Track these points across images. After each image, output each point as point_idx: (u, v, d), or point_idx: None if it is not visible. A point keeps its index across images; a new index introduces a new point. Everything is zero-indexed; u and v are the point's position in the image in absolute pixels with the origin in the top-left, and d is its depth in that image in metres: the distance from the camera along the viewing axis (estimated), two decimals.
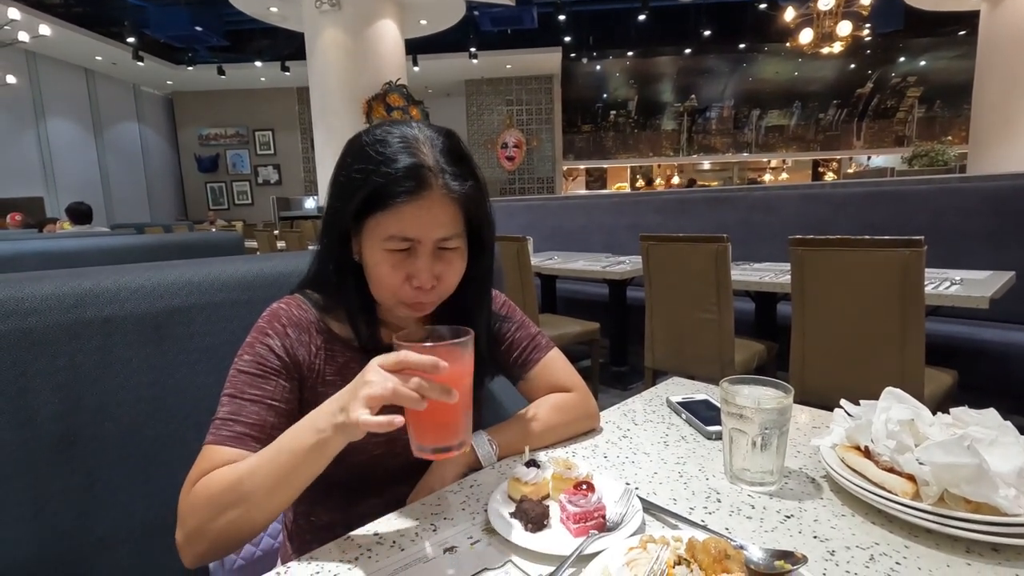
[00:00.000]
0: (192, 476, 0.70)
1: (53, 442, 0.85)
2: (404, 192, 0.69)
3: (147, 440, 0.94)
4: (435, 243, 0.73)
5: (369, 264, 0.75)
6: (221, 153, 13.83)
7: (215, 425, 0.72)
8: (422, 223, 0.71)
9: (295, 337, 0.78)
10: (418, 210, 0.70)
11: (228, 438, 0.70)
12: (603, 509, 0.63)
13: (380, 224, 0.72)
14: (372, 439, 0.71)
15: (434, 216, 0.71)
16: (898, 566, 0.56)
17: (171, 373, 0.97)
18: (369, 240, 0.74)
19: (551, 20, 11.42)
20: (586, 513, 0.62)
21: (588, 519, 0.62)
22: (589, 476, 0.70)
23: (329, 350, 0.80)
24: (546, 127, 13.33)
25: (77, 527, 0.87)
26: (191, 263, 1.04)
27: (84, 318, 0.88)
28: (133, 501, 0.93)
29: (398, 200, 0.69)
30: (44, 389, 0.84)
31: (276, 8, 8.21)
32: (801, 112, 15.43)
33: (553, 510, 0.68)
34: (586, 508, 0.62)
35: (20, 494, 0.82)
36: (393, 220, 0.71)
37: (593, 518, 0.63)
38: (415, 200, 0.70)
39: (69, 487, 0.87)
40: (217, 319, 1.01)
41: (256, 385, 0.74)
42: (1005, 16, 6.29)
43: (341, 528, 0.70)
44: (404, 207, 0.70)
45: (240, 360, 0.76)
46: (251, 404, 0.72)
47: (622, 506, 0.66)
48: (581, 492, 0.65)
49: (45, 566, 0.84)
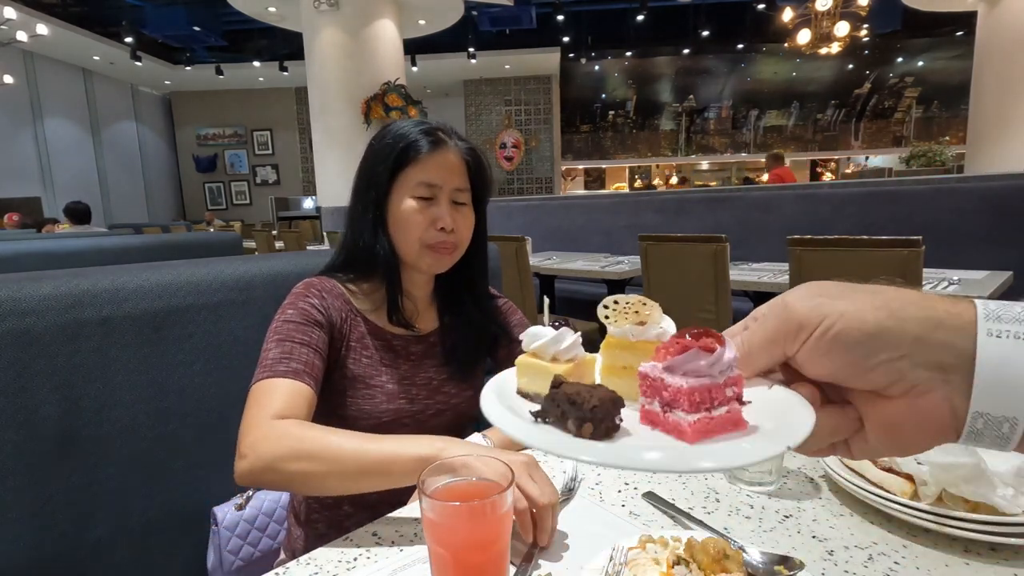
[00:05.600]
0: (265, 405, 0.74)
1: (52, 442, 0.85)
2: (427, 144, 0.90)
3: (146, 440, 0.94)
4: (452, 191, 0.91)
5: (399, 215, 0.90)
6: (219, 153, 13.80)
7: (266, 365, 0.78)
8: (442, 171, 0.90)
9: (329, 302, 0.89)
10: (439, 159, 0.90)
11: (285, 372, 0.77)
12: (740, 382, 0.34)
13: (408, 176, 0.90)
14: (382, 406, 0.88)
15: (451, 165, 0.91)
16: (897, 566, 0.56)
17: (169, 373, 0.96)
18: (398, 193, 0.90)
19: (550, 20, 11.42)
20: (715, 391, 0.33)
21: (721, 403, 0.33)
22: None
23: (353, 320, 0.92)
24: (545, 127, 13.33)
25: (76, 527, 0.87)
26: (189, 263, 1.04)
27: (82, 318, 0.88)
28: (132, 501, 0.93)
29: (422, 152, 0.89)
30: (43, 389, 0.84)
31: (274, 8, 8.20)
32: (799, 112, 15.46)
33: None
34: (714, 380, 0.33)
35: (19, 494, 0.82)
36: (419, 170, 0.90)
37: (729, 402, 0.34)
38: (435, 152, 0.90)
39: (68, 487, 0.86)
40: (215, 319, 1.01)
41: (304, 332, 0.83)
42: (1003, 17, 6.31)
43: (347, 505, 0.82)
44: (427, 158, 0.89)
45: (284, 314, 0.85)
46: (301, 347, 0.81)
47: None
48: (702, 346, 0.34)
49: (44, 566, 0.84)
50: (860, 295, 0.33)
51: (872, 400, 0.33)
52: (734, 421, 0.34)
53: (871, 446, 0.35)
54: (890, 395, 0.32)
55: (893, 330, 0.31)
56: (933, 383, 0.30)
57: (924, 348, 0.30)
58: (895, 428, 0.33)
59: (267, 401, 0.74)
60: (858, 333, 0.31)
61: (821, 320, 0.32)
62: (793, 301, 0.34)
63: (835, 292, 0.34)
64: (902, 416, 0.32)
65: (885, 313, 0.31)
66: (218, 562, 0.95)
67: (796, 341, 0.33)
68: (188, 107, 13.67)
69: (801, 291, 0.35)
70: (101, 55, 10.62)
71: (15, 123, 9.74)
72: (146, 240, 2.84)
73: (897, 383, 0.31)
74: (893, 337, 0.31)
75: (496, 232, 0.95)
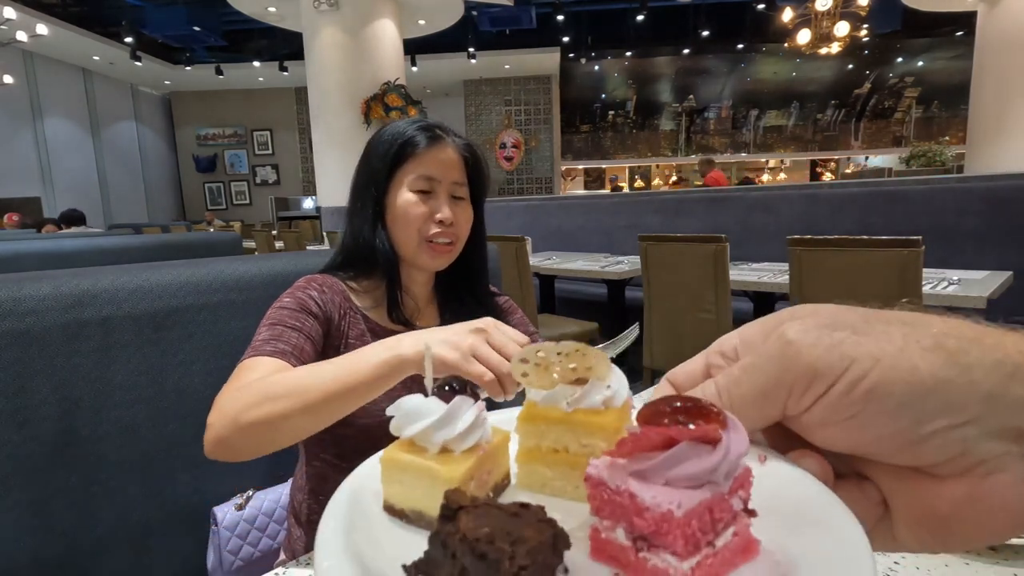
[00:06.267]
0: (242, 379, 0.72)
1: (52, 442, 0.85)
2: (425, 140, 0.91)
3: (146, 440, 0.94)
4: (450, 185, 0.92)
5: (398, 210, 0.91)
6: (219, 153, 13.80)
7: (253, 346, 0.77)
8: (441, 165, 0.91)
9: (329, 296, 0.89)
10: (437, 154, 0.91)
11: (272, 352, 0.76)
12: (748, 482, 0.23)
13: (407, 171, 0.91)
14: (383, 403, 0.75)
15: (449, 159, 0.92)
16: (897, 565, 0.56)
17: (169, 373, 0.96)
18: (397, 188, 0.91)
19: (550, 20, 11.42)
20: (719, 507, 0.22)
21: (727, 524, 0.22)
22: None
23: (353, 317, 0.91)
24: (544, 127, 13.33)
25: (76, 527, 0.87)
26: (189, 263, 1.04)
27: (82, 318, 0.88)
28: (132, 501, 0.93)
29: (420, 148, 0.90)
30: (42, 389, 0.84)
31: (274, 8, 8.20)
32: (799, 112, 15.46)
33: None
34: (718, 489, 0.22)
35: (19, 494, 0.82)
36: (417, 164, 0.91)
37: (735, 519, 0.23)
38: (433, 147, 0.91)
39: (68, 487, 0.86)
40: (215, 319, 1.01)
41: (296, 318, 0.82)
42: (1002, 17, 6.31)
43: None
44: (425, 153, 0.91)
45: (280, 301, 0.84)
46: (292, 332, 0.80)
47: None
48: (697, 437, 0.22)
49: (44, 566, 0.84)
50: (894, 329, 0.23)
51: (909, 480, 0.23)
52: (743, 547, 0.22)
53: (900, 540, 0.25)
54: (941, 474, 0.22)
55: (956, 383, 0.21)
56: (1009, 460, 0.21)
57: (999, 409, 0.21)
58: (942, 520, 0.23)
59: (244, 376, 0.72)
60: (905, 388, 0.22)
61: (846, 368, 0.22)
62: (798, 338, 0.24)
63: (856, 323, 0.24)
64: (955, 504, 0.22)
65: (941, 358, 0.22)
66: (218, 562, 0.95)
67: (806, 397, 0.23)
68: (188, 107, 13.67)
69: (806, 323, 0.24)
70: (101, 55, 10.62)
71: (15, 123, 9.74)
72: (146, 240, 2.84)
73: (956, 459, 0.22)
74: (957, 394, 0.21)
75: (496, 232, 0.95)
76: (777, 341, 0.24)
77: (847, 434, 0.23)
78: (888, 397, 0.22)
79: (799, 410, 0.24)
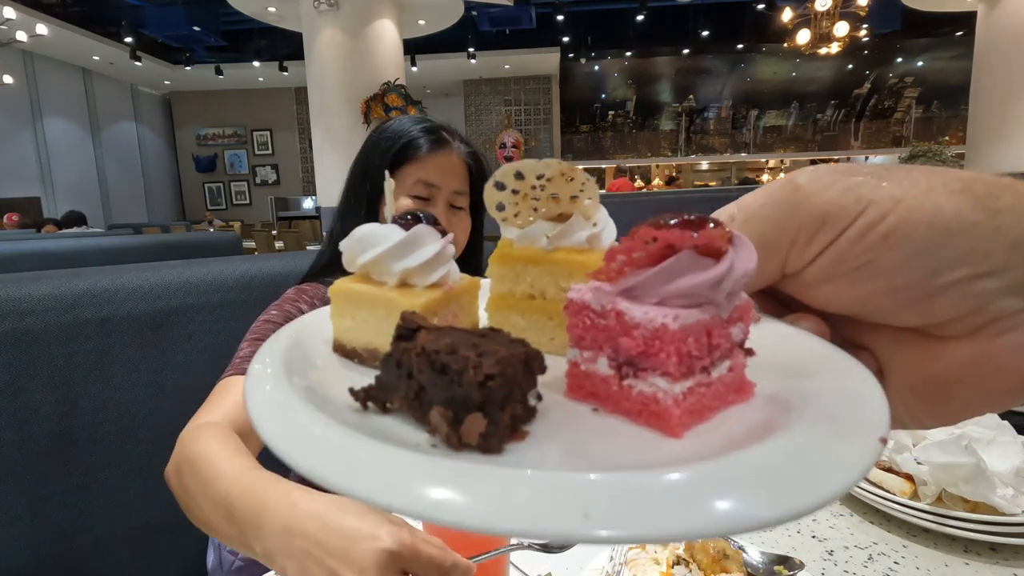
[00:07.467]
0: (216, 404, 0.70)
1: (50, 442, 0.85)
2: (428, 143, 0.87)
3: (145, 440, 0.94)
4: (450, 194, 0.87)
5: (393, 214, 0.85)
6: (219, 153, 13.80)
7: (234, 364, 0.76)
8: (442, 171, 0.87)
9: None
10: (439, 160, 0.87)
11: None
12: (748, 314, 0.21)
13: (406, 174, 0.87)
14: None
15: (452, 167, 0.88)
16: (896, 565, 0.56)
17: (169, 373, 0.96)
18: (396, 191, 0.84)
19: (549, 20, 11.42)
20: (717, 332, 0.19)
21: (723, 354, 0.20)
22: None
23: None
24: (544, 127, 13.33)
25: (75, 527, 0.87)
26: (189, 263, 1.04)
27: (81, 318, 0.88)
28: (131, 501, 0.93)
29: (422, 151, 0.86)
30: (41, 389, 0.84)
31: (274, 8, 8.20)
32: (799, 112, 15.46)
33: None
34: (718, 310, 0.19)
35: (18, 494, 0.82)
36: (418, 168, 0.87)
37: (732, 352, 0.20)
38: (436, 152, 0.87)
39: (67, 487, 0.86)
40: (215, 319, 1.01)
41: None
42: (1002, 17, 6.31)
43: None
44: (427, 157, 0.87)
45: (267, 313, 0.82)
46: None
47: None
48: (699, 246, 0.19)
49: (43, 566, 0.84)
50: (917, 174, 0.21)
51: (909, 344, 0.22)
52: (737, 386, 0.20)
53: (892, 414, 0.21)
54: (949, 334, 0.21)
55: (982, 228, 0.19)
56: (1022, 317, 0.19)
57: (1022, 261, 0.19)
58: (941, 386, 0.21)
59: (219, 400, 0.71)
60: (926, 232, 0.19)
61: (861, 210, 0.20)
62: (809, 182, 0.22)
63: (875, 170, 0.21)
64: (959, 366, 0.21)
65: (968, 201, 0.19)
66: (218, 562, 0.94)
67: (812, 246, 0.21)
68: (188, 107, 13.67)
69: (819, 170, 0.22)
70: (101, 55, 10.62)
71: (14, 123, 9.74)
72: (145, 240, 2.84)
73: (967, 317, 0.20)
74: (982, 240, 0.19)
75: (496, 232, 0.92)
76: (786, 186, 0.22)
77: (852, 288, 0.21)
78: (907, 242, 0.20)
79: (801, 263, 0.22)
